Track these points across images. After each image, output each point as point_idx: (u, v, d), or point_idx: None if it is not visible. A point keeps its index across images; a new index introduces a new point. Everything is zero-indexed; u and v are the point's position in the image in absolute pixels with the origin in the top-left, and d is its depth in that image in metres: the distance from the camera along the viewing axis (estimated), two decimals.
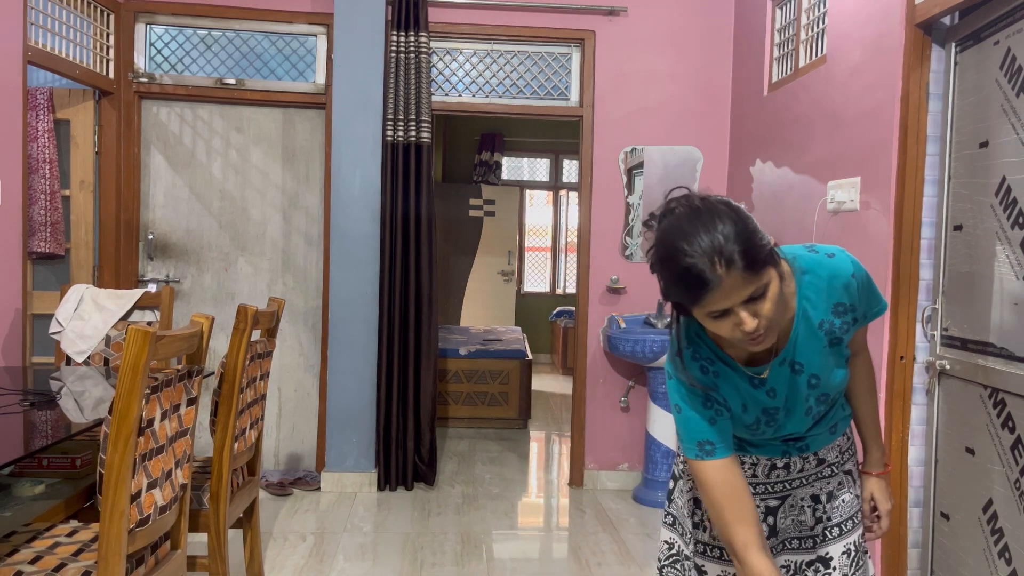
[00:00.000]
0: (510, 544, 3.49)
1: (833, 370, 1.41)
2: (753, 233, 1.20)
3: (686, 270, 1.17)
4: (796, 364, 1.38)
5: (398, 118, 4.05)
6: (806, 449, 1.51)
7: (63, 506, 1.94)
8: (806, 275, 1.35)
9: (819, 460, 1.53)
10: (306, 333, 4.31)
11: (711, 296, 1.18)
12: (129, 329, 1.63)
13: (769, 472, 1.51)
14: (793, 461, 1.51)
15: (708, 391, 1.37)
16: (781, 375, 1.39)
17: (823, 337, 1.37)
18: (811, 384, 1.40)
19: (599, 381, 4.28)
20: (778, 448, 1.50)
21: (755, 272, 1.18)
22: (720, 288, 1.16)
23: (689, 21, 4.21)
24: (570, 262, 8.82)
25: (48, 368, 3.16)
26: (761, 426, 1.44)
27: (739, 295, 1.18)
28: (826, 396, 1.43)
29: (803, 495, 1.53)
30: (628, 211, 4.24)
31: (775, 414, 1.43)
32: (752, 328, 1.21)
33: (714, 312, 1.21)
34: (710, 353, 1.39)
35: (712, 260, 1.16)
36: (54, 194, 3.86)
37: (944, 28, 2.51)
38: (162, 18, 4.13)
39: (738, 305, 1.19)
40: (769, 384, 1.39)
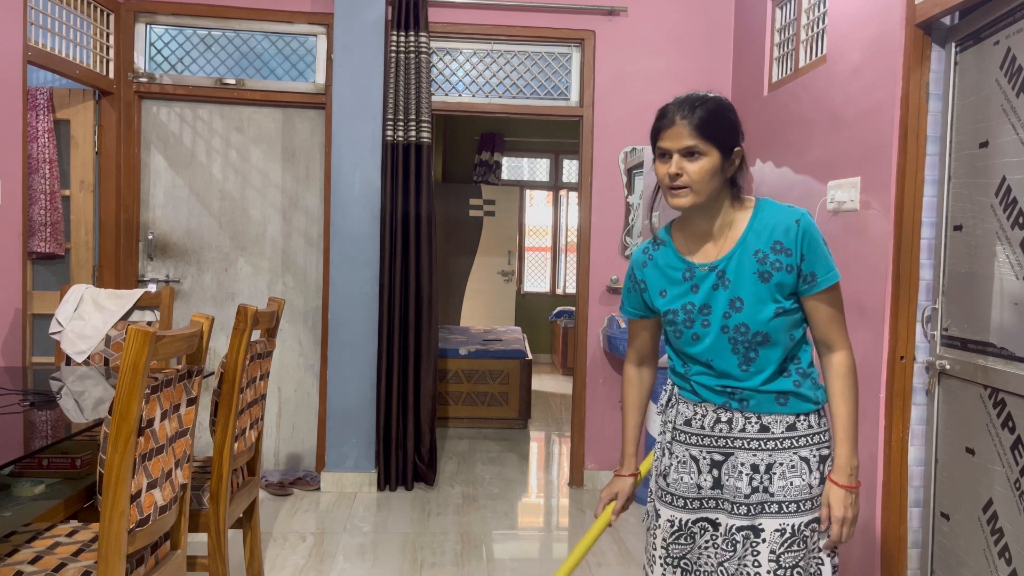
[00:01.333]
0: (510, 544, 3.49)
1: (760, 304, 1.58)
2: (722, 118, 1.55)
3: (662, 108, 1.60)
4: (725, 279, 1.60)
5: (398, 118, 4.05)
6: (746, 406, 1.62)
7: (63, 506, 1.94)
8: (760, 212, 1.62)
9: (762, 427, 1.63)
10: (306, 333, 4.32)
11: (664, 133, 1.56)
12: (129, 329, 1.63)
13: (714, 425, 1.66)
14: (735, 417, 1.64)
15: (633, 269, 1.76)
16: (707, 280, 1.62)
17: (755, 264, 1.58)
18: (734, 305, 1.59)
19: (599, 381, 4.28)
20: (719, 395, 1.65)
21: (701, 135, 1.52)
22: (671, 128, 1.55)
23: (689, 21, 4.21)
24: (570, 262, 8.82)
25: (48, 368, 3.16)
26: (680, 325, 1.65)
27: (680, 142, 1.54)
28: (746, 329, 1.58)
29: (744, 460, 1.63)
30: (628, 211, 4.24)
31: (692, 314, 1.63)
32: (672, 172, 1.55)
33: (660, 149, 1.57)
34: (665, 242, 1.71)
35: (679, 106, 1.55)
36: (54, 194, 3.86)
37: (944, 28, 2.51)
38: (162, 18, 4.13)
39: (675, 150, 1.55)
40: (695, 280, 1.64)
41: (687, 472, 1.69)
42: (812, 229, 1.58)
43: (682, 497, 1.69)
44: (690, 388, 1.70)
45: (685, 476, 1.69)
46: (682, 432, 1.72)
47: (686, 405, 1.72)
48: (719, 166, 1.55)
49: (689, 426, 1.71)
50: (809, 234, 1.57)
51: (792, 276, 1.57)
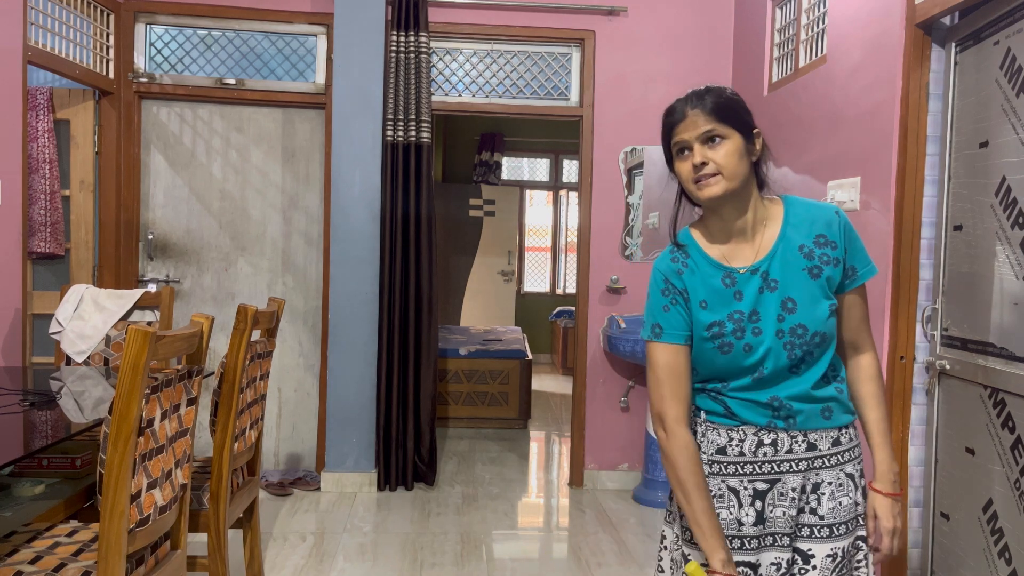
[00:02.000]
0: (510, 544, 3.49)
1: (815, 303, 1.45)
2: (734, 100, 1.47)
3: (669, 107, 1.50)
4: (771, 280, 1.46)
5: (398, 118, 4.05)
6: (793, 424, 1.46)
7: (63, 506, 1.94)
8: (793, 207, 1.51)
9: (810, 445, 1.48)
10: (306, 333, 4.32)
11: (677, 128, 1.45)
12: (129, 329, 1.63)
13: (756, 448, 1.47)
14: (780, 438, 1.46)
15: (668, 280, 1.52)
16: (751, 283, 1.46)
17: (802, 261, 1.46)
18: (786, 307, 1.45)
19: (599, 381, 4.28)
20: (763, 413, 1.46)
21: (718, 118, 1.42)
22: (683, 120, 1.44)
23: (689, 21, 4.21)
24: (570, 262, 8.83)
25: (48, 368, 3.16)
26: (729, 336, 1.45)
27: (697, 129, 1.42)
28: (804, 331, 1.44)
29: (793, 484, 1.47)
30: (628, 211, 4.24)
31: (742, 323, 1.45)
32: (698, 162, 1.42)
33: (678, 145, 1.45)
34: (692, 249, 1.53)
35: (687, 100, 1.46)
36: (54, 194, 3.86)
37: (944, 28, 2.51)
38: (162, 18, 4.13)
39: (695, 139, 1.43)
40: (738, 287, 1.47)
41: (725, 507, 1.49)
42: (849, 223, 1.51)
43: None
44: (725, 410, 1.50)
45: (723, 512, 1.48)
46: (716, 463, 1.50)
47: (717, 432, 1.51)
48: (743, 148, 1.44)
49: (724, 455, 1.50)
50: (849, 226, 1.50)
51: (839, 270, 1.47)
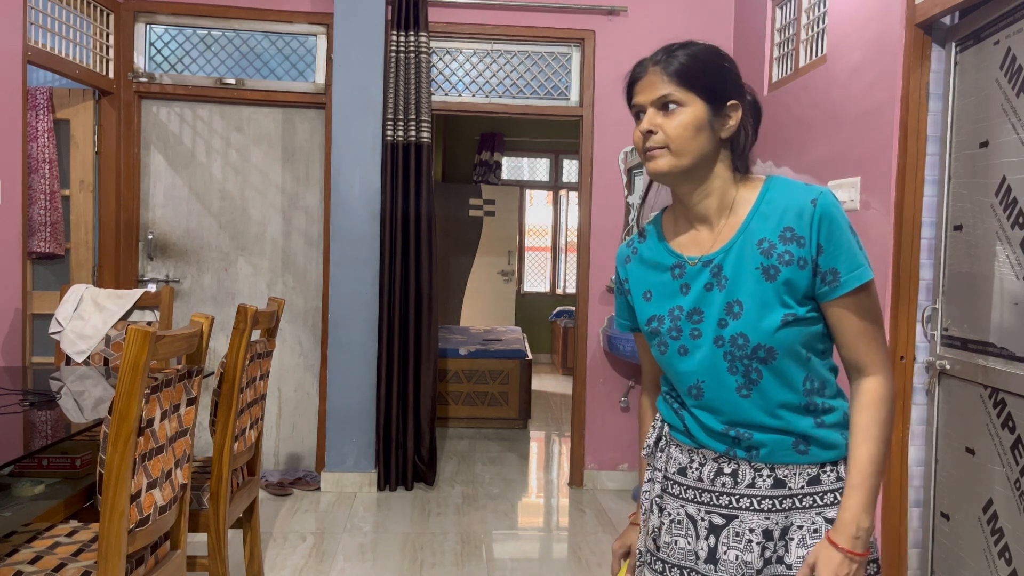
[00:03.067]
0: (510, 544, 3.49)
1: (764, 309, 1.22)
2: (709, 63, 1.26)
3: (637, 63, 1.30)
4: (721, 276, 1.26)
5: (398, 118, 4.05)
6: (755, 455, 1.26)
7: (63, 506, 1.94)
8: (770, 190, 1.29)
9: (776, 481, 1.26)
10: (306, 333, 4.31)
11: (636, 86, 1.28)
12: (129, 329, 1.63)
13: (715, 477, 1.30)
14: (742, 468, 1.27)
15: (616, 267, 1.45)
16: (699, 277, 1.29)
17: (758, 257, 1.24)
18: (731, 310, 1.24)
19: (599, 381, 4.28)
20: (721, 439, 1.28)
21: (678, 81, 1.23)
22: (643, 78, 1.26)
23: (689, 21, 4.21)
24: (570, 262, 8.83)
25: (48, 368, 3.16)
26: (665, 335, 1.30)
27: (654, 91, 1.25)
28: (745, 342, 1.23)
29: (752, 525, 1.26)
30: (628, 211, 4.24)
31: (680, 321, 1.29)
32: (645, 128, 1.25)
33: (634, 106, 1.29)
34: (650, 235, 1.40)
35: (653, 55, 1.27)
36: (54, 194, 3.86)
37: (944, 28, 2.51)
38: (162, 18, 4.13)
39: (649, 104, 1.25)
40: (686, 279, 1.30)
41: (683, 535, 1.32)
42: (833, 212, 1.21)
43: (677, 567, 1.32)
44: (683, 428, 1.34)
45: (680, 540, 1.32)
46: (676, 483, 1.35)
47: (680, 449, 1.36)
48: (705, 120, 1.23)
49: (684, 476, 1.34)
50: (829, 217, 1.21)
51: (806, 273, 1.22)
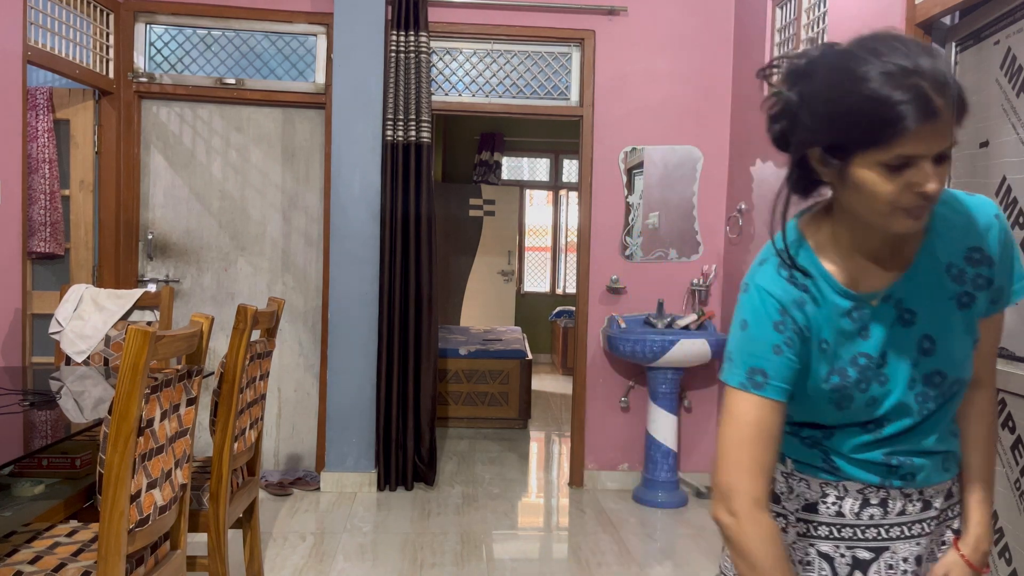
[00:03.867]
0: (510, 544, 3.49)
1: (956, 340, 1.08)
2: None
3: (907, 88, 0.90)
4: (906, 311, 1.07)
5: (398, 118, 4.05)
6: (911, 480, 1.13)
7: (63, 506, 1.94)
8: (941, 206, 1.08)
9: (925, 504, 1.15)
10: (306, 333, 4.31)
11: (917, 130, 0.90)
12: (129, 329, 1.63)
13: (860, 510, 1.15)
14: (892, 497, 1.14)
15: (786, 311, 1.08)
16: (881, 316, 1.08)
17: (950, 286, 1.07)
18: (923, 348, 1.08)
19: (599, 381, 4.28)
20: (877, 471, 1.13)
21: (958, 123, 0.95)
22: (934, 123, 0.91)
23: (689, 21, 4.21)
24: (570, 262, 8.83)
25: (48, 368, 3.16)
26: (852, 389, 1.09)
27: (939, 143, 0.93)
28: (942, 379, 1.08)
29: (905, 554, 1.15)
30: (628, 211, 4.24)
31: (867, 370, 1.09)
32: (932, 190, 0.94)
33: (901, 157, 0.93)
34: (811, 268, 1.10)
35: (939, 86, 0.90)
36: (54, 194, 3.86)
37: (944, 28, 2.51)
38: (162, 18, 4.12)
39: (929, 158, 0.94)
40: (866, 321, 1.08)
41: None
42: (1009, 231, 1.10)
43: None
44: (824, 463, 1.16)
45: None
46: (803, 521, 1.18)
47: (806, 484, 1.17)
48: None
49: (814, 512, 1.17)
50: (1009, 234, 1.09)
51: (988, 293, 1.09)
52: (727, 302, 4.15)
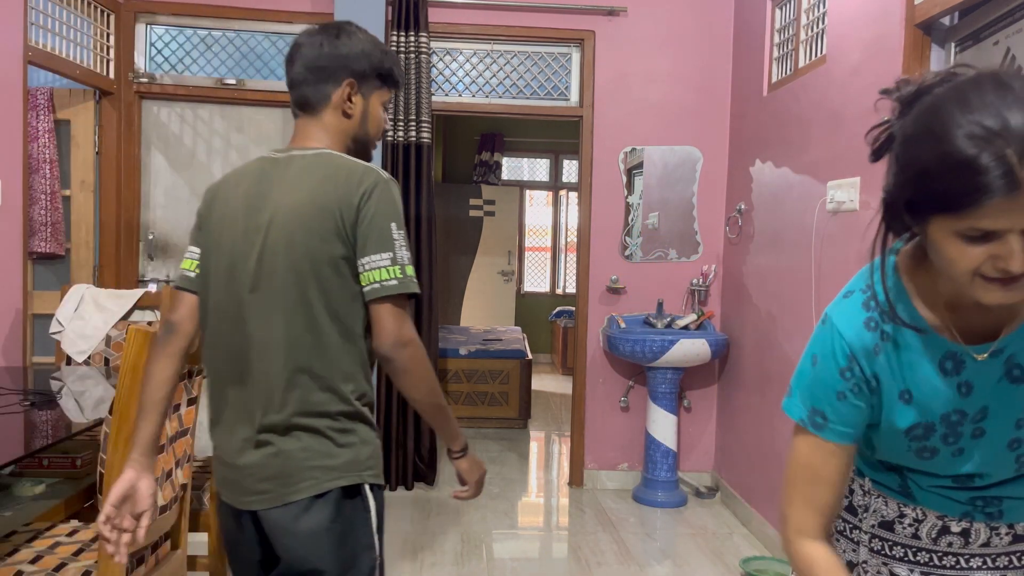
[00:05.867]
0: (510, 544, 3.49)
1: None
2: None
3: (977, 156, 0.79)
4: (1016, 366, 0.97)
5: (398, 118, 4.05)
6: (998, 516, 1.05)
7: (63, 506, 1.95)
8: None
9: (1016, 537, 1.07)
10: None
11: (998, 203, 0.80)
12: (130, 329, 1.64)
13: (938, 537, 1.08)
14: (975, 529, 1.06)
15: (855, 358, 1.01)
16: (986, 372, 0.98)
17: None
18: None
19: (599, 381, 4.28)
20: (957, 504, 1.06)
21: None
22: (1010, 196, 0.79)
23: (689, 21, 4.21)
24: (570, 262, 8.83)
25: (48, 368, 3.16)
26: (938, 441, 1.02)
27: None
28: None
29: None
30: (628, 211, 4.24)
31: (959, 426, 1.01)
32: (1020, 269, 0.83)
33: (979, 230, 0.83)
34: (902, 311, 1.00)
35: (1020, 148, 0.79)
36: (54, 194, 3.86)
37: (944, 28, 2.51)
38: (162, 18, 4.13)
39: (1018, 232, 0.82)
40: (966, 376, 0.98)
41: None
42: None
43: None
44: (900, 486, 1.11)
45: None
46: (878, 538, 1.13)
47: (884, 501, 1.12)
48: None
49: (890, 531, 1.11)
50: None
51: None
52: (726, 302, 4.15)
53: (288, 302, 1.41)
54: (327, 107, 1.55)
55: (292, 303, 1.41)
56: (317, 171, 1.46)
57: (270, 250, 1.42)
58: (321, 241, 1.40)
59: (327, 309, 1.41)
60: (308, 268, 1.40)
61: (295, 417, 1.41)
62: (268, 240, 1.42)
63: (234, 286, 1.45)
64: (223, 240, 1.47)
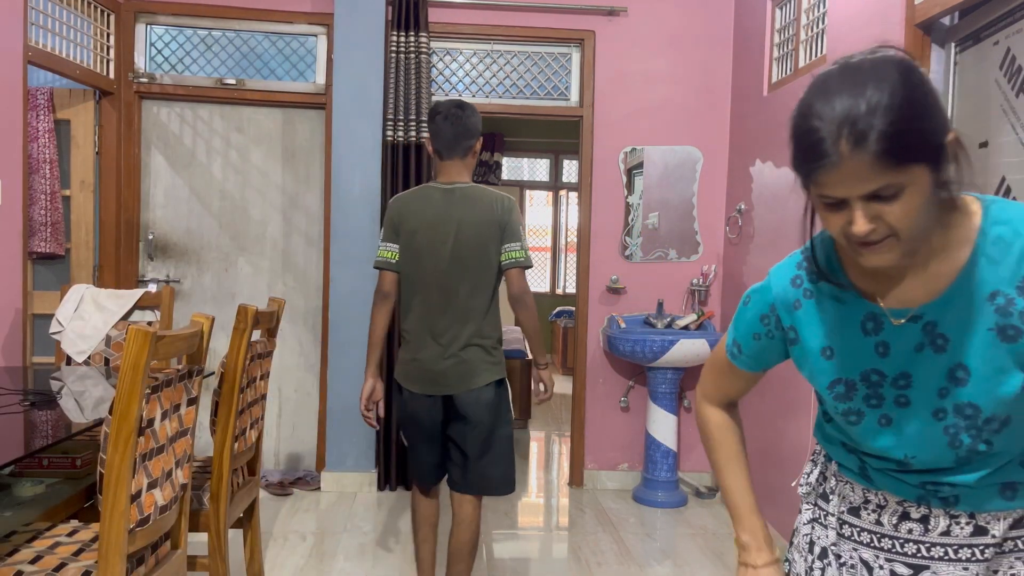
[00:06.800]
0: (510, 544, 3.49)
1: (999, 376, 0.98)
2: (917, 113, 0.89)
3: (806, 133, 0.93)
4: (939, 336, 1.01)
5: (398, 118, 4.05)
6: (954, 502, 1.06)
7: (63, 506, 1.94)
8: (997, 225, 0.98)
9: (977, 528, 1.07)
10: (306, 333, 4.32)
11: (826, 176, 0.92)
12: (129, 329, 1.63)
13: (899, 523, 1.11)
14: (935, 516, 1.08)
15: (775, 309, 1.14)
16: (907, 336, 1.02)
17: (991, 315, 0.97)
18: (954, 376, 1.01)
19: (599, 381, 4.28)
20: (910, 487, 1.09)
21: (892, 163, 0.88)
22: (837, 169, 0.90)
23: (689, 21, 4.21)
24: (570, 262, 8.83)
25: (48, 368, 3.16)
26: (861, 403, 1.07)
27: (860, 186, 0.90)
28: (975, 413, 1.01)
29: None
30: (628, 211, 4.24)
31: (879, 387, 1.05)
32: (862, 233, 0.93)
33: (827, 199, 0.95)
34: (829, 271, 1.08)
35: (839, 131, 0.89)
36: (54, 194, 3.86)
37: (944, 28, 2.51)
38: (162, 18, 4.13)
39: (856, 199, 0.92)
40: (884, 336, 1.04)
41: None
42: None
43: None
44: (859, 469, 1.16)
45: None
46: (847, 524, 1.17)
47: (851, 488, 1.17)
48: (931, 184, 0.92)
49: (857, 516, 1.16)
50: None
51: None
52: (727, 302, 4.15)
53: (469, 273, 2.44)
54: (469, 155, 2.53)
55: (471, 274, 2.44)
56: (478, 198, 2.48)
57: (460, 243, 2.43)
58: (488, 238, 2.44)
59: (485, 278, 2.46)
60: (480, 254, 2.44)
61: (469, 339, 2.45)
62: (458, 236, 2.43)
63: (434, 263, 2.44)
64: (422, 237, 2.45)
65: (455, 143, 2.49)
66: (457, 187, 2.48)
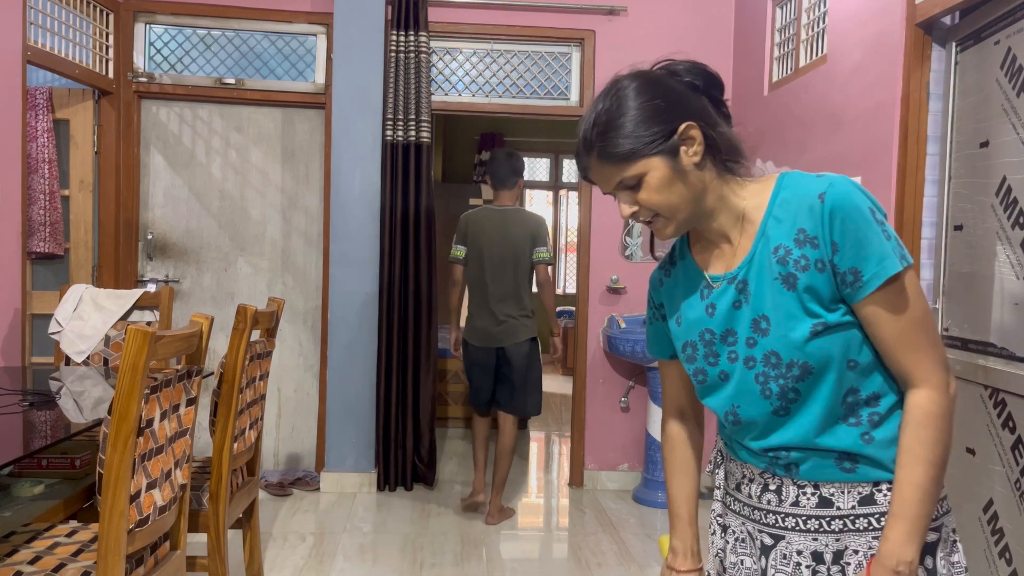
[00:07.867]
0: (510, 544, 3.49)
1: (790, 321, 1.10)
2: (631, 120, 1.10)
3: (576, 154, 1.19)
4: (747, 292, 1.15)
5: (398, 118, 4.05)
6: (794, 471, 1.15)
7: (62, 506, 1.94)
8: (782, 190, 1.15)
9: (822, 500, 1.15)
10: (306, 333, 4.31)
11: (591, 176, 1.17)
12: (128, 329, 1.63)
13: (761, 494, 1.21)
14: (785, 485, 1.17)
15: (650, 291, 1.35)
16: (725, 296, 1.18)
17: (775, 266, 1.11)
18: (759, 327, 1.13)
19: (599, 381, 4.28)
20: (757, 456, 1.20)
21: (617, 162, 1.11)
22: (591, 172, 1.16)
23: (689, 21, 4.21)
24: (570, 262, 8.82)
25: (47, 368, 3.16)
26: (701, 362, 1.21)
27: (606, 183, 1.15)
28: (777, 360, 1.11)
29: (800, 547, 1.15)
30: None
31: (713, 344, 1.19)
32: (627, 215, 1.16)
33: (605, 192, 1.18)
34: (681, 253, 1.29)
35: (580, 144, 1.16)
36: (53, 194, 3.86)
37: (944, 28, 2.51)
38: (162, 18, 4.12)
39: (612, 191, 1.16)
40: (711, 299, 1.20)
41: (747, 553, 1.24)
42: (845, 204, 1.06)
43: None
44: (727, 445, 1.31)
45: (746, 559, 1.24)
46: (734, 500, 1.28)
47: (736, 464, 1.28)
48: (672, 170, 1.10)
49: (739, 492, 1.27)
50: (841, 212, 1.06)
51: (826, 276, 1.08)
52: None
53: (511, 267, 3.64)
54: (515, 188, 3.76)
55: (513, 268, 3.64)
56: (520, 218, 3.70)
57: (506, 247, 3.63)
58: (525, 244, 3.65)
59: (522, 271, 3.66)
60: (520, 255, 3.65)
61: (511, 311, 3.65)
62: (505, 243, 3.63)
63: (490, 261, 3.64)
64: (484, 243, 3.65)
65: (506, 179, 3.71)
66: (507, 209, 3.70)
